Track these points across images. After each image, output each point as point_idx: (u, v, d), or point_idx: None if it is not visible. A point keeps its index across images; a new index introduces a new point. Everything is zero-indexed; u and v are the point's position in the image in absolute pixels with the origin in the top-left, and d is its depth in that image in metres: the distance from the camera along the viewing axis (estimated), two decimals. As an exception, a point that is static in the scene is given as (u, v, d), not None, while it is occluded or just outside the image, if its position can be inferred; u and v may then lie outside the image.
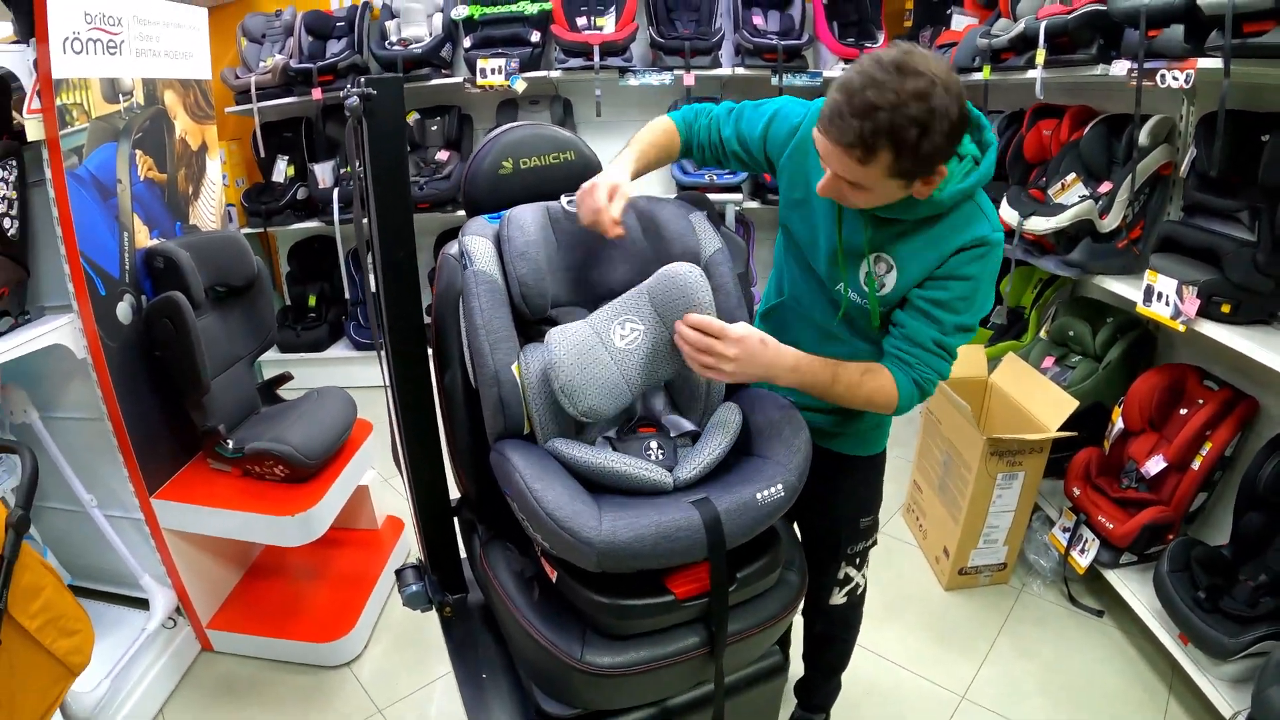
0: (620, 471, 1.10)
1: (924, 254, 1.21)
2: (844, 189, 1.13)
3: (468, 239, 1.26)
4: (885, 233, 1.23)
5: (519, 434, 1.19)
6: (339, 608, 2.23)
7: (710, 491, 1.09)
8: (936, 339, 1.23)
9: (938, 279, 1.21)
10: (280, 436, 2.00)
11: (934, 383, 1.26)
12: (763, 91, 3.83)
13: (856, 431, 1.49)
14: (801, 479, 1.14)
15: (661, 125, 1.39)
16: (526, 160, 1.37)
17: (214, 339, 2.04)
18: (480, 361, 1.17)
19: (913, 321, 1.25)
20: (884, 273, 1.26)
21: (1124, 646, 2.24)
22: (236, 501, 1.98)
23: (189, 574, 2.12)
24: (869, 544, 1.61)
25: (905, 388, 1.25)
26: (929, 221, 1.20)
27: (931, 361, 1.25)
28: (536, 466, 1.08)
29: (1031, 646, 2.24)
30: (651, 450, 1.20)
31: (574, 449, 1.13)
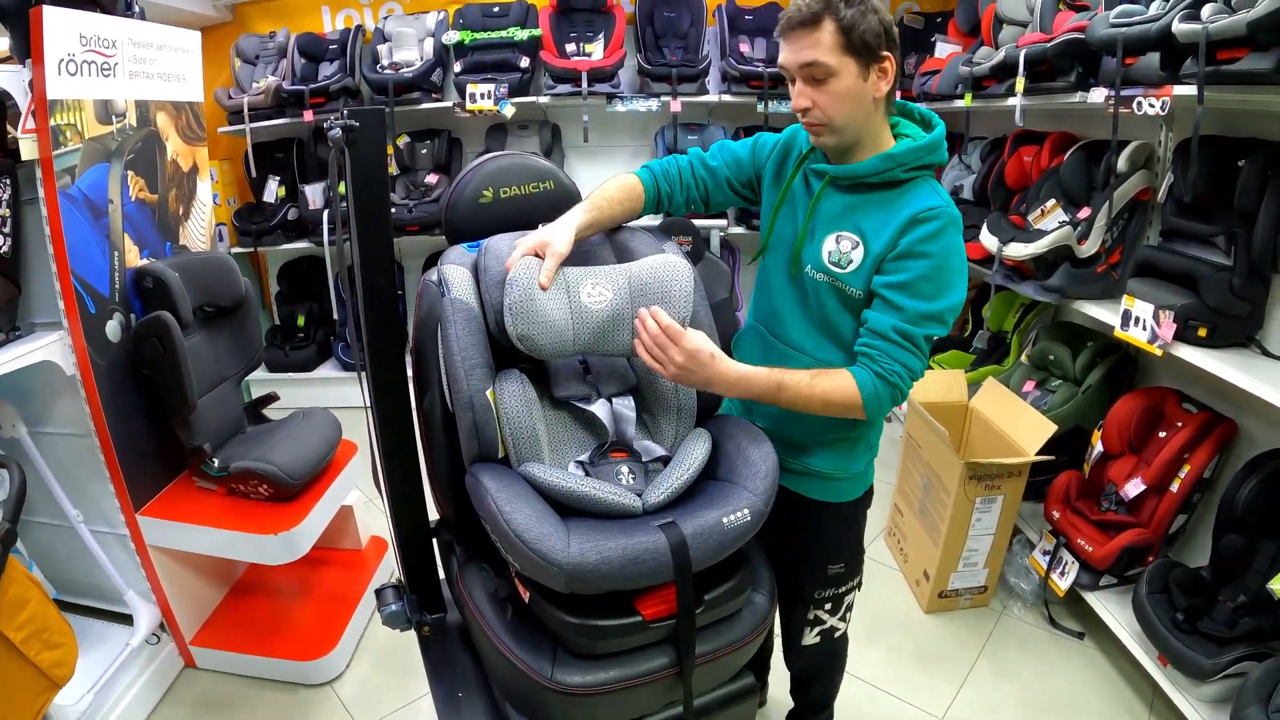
0: (590, 495, 1.12)
1: (885, 227, 1.24)
2: (812, 92, 1.20)
3: (446, 268, 1.29)
4: (846, 202, 1.29)
5: (494, 458, 1.21)
6: (322, 626, 2.24)
7: (678, 515, 1.11)
8: (898, 327, 1.22)
9: (896, 259, 1.22)
10: (265, 456, 2.01)
11: (901, 377, 1.24)
12: (749, 118, 3.92)
13: (821, 475, 1.46)
14: (768, 504, 1.16)
15: (620, 181, 1.43)
16: (507, 189, 1.41)
17: (201, 358, 2.06)
18: (456, 387, 1.19)
19: (874, 313, 1.25)
20: (849, 249, 1.28)
21: (1104, 668, 2.25)
22: (221, 519, 1.99)
23: (173, 590, 2.13)
24: (842, 590, 1.56)
25: (866, 383, 1.24)
26: (886, 188, 1.26)
27: (894, 353, 1.23)
28: (508, 490, 1.10)
29: (1011, 669, 2.25)
30: (623, 475, 1.22)
31: (546, 473, 1.15)
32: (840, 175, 1.28)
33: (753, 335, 1.50)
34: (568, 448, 1.30)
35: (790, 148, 1.41)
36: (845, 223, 1.29)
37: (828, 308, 1.33)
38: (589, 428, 1.33)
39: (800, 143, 1.39)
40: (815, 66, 1.18)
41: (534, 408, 1.23)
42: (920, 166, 1.26)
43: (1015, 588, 2.52)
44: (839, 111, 1.21)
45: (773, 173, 1.43)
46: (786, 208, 1.39)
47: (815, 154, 1.34)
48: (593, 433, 1.33)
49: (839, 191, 1.30)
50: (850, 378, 1.25)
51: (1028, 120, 2.60)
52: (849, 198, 1.29)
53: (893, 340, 1.23)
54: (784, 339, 1.41)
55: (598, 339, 1.23)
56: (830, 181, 1.30)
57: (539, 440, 1.22)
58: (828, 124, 1.23)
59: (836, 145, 1.27)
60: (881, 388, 1.24)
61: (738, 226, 3.89)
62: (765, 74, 3.59)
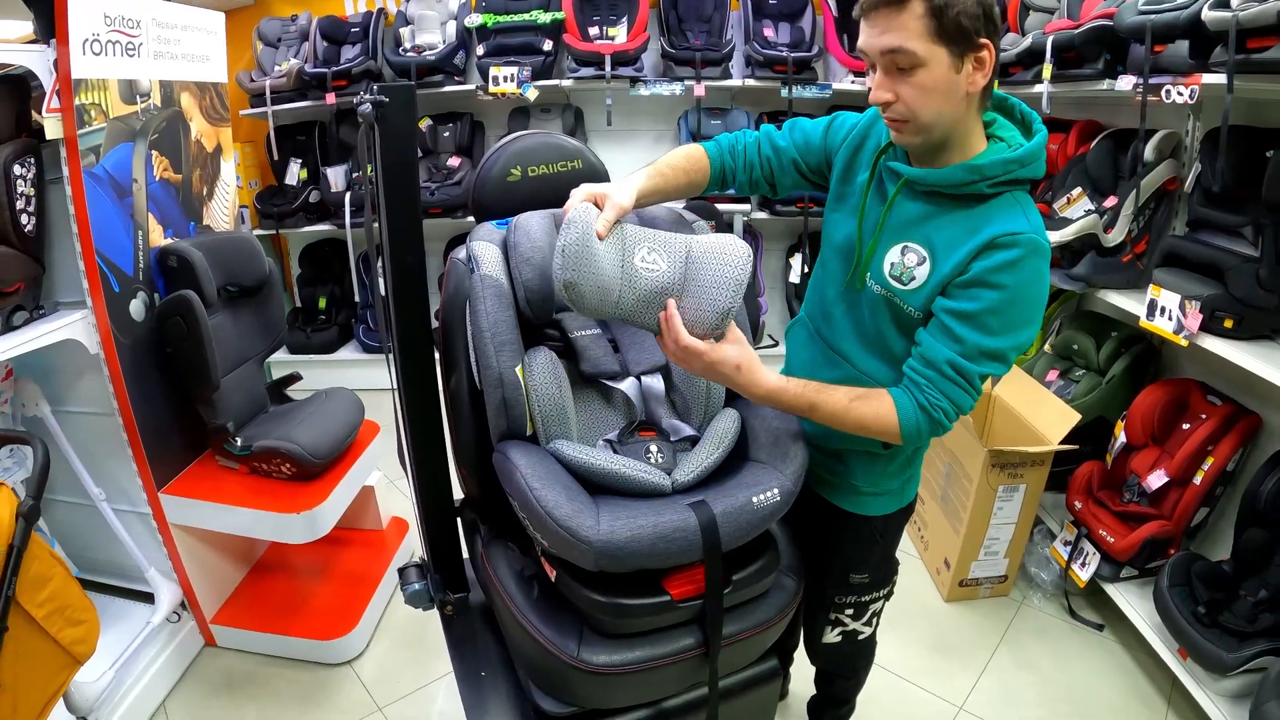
0: (619, 473, 1.12)
1: (958, 246, 1.09)
2: (894, 83, 1.04)
3: (475, 244, 1.28)
4: (919, 210, 1.15)
5: (521, 435, 1.21)
6: (342, 606, 2.25)
7: (707, 495, 1.11)
8: (953, 361, 1.09)
9: (965, 285, 1.08)
10: (288, 435, 2.03)
11: (947, 413, 1.12)
12: (773, 103, 3.89)
13: (853, 487, 1.37)
14: (797, 484, 1.16)
15: (686, 150, 1.34)
16: (535, 168, 1.41)
17: (225, 338, 2.07)
18: (485, 363, 1.19)
19: (930, 338, 1.12)
20: (914, 264, 1.14)
21: (1123, 660, 2.24)
22: (243, 498, 2.01)
23: (194, 569, 2.15)
24: (865, 599, 1.50)
25: (907, 412, 1.13)
26: (967, 203, 1.11)
27: (944, 387, 1.11)
28: (538, 467, 1.10)
29: (1031, 658, 2.24)
30: (651, 454, 1.21)
31: (575, 450, 1.15)
32: (916, 180, 1.13)
33: (802, 330, 1.42)
34: (596, 425, 1.30)
35: (869, 135, 1.26)
36: (914, 233, 1.15)
37: (881, 323, 1.22)
38: (617, 406, 1.33)
39: (881, 132, 1.23)
40: (899, 54, 1.01)
41: (563, 385, 1.23)
42: (1009, 181, 1.09)
43: (1035, 578, 2.50)
44: (925, 107, 1.05)
45: (845, 161, 1.28)
46: (852, 204, 1.25)
47: (896, 149, 1.18)
48: (621, 411, 1.33)
49: (913, 197, 1.16)
50: (891, 404, 1.14)
51: (1054, 108, 2.56)
52: (923, 205, 1.15)
53: (945, 374, 1.11)
54: (832, 343, 1.32)
55: (640, 308, 1.15)
56: (905, 185, 1.16)
57: (568, 417, 1.22)
58: (912, 121, 1.07)
59: (920, 144, 1.11)
60: (923, 420, 1.13)
61: (761, 212, 3.87)
62: (789, 59, 3.56)
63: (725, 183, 1.38)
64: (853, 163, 1.28)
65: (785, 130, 1.37)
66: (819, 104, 3.87)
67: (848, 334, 1.28)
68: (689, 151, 1.34)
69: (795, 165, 1.34)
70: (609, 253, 1.13)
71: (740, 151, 1.36)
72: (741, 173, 1.37)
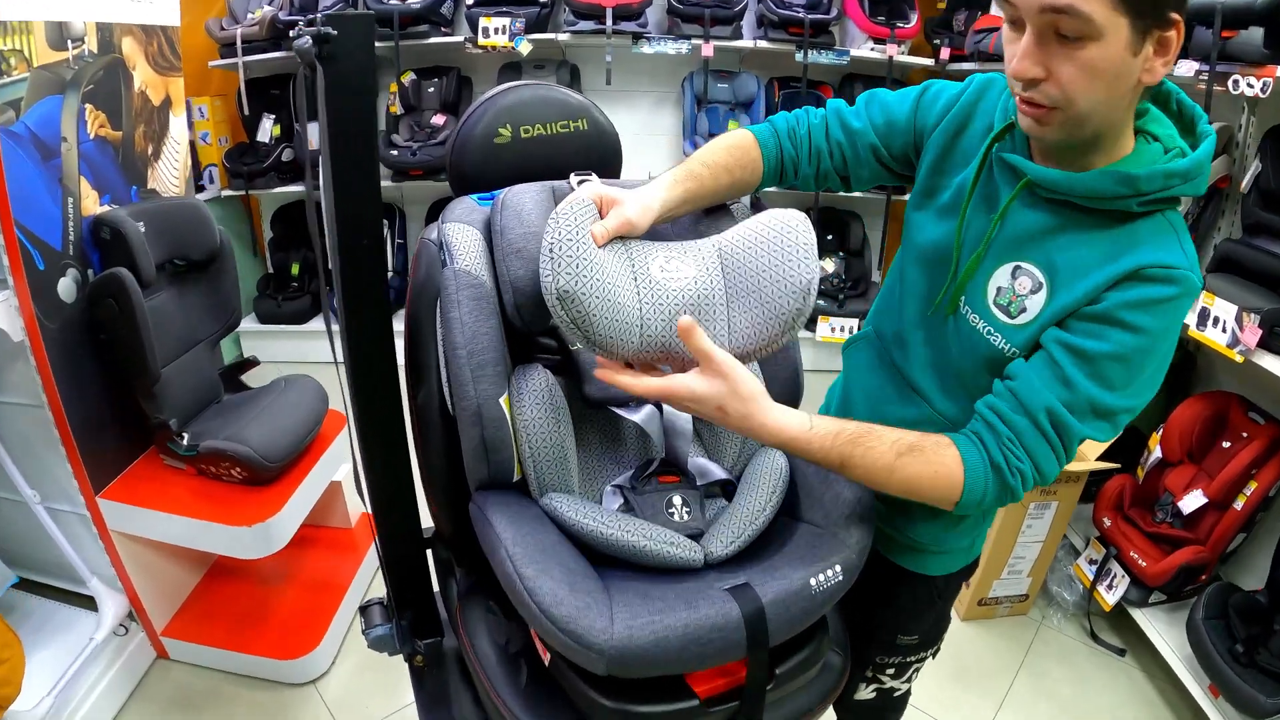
0: (638, 548, 0.89)
1: (1091, 270, 0.83)
2: (1049, 56, 0.76)
3: (450, 227, 1.01)
4: (1041, 221, 0.88)
5: (507, 482, 0.98)
6: (305, 618, 2.05)
7: (751, 573, 0.89)
8: (1054, 411, 0.83)
9: (1092, 319, 0.83)
10: (238, 434, 1.79)
11: (1025, 478, 0.87)
12: (786, 68, 3.62)
13: (911, 544, 1.14)
14: (863, 556, 0.94)
15: (730, 141, 1.06)
16: (529, 128, 1.11)
17: (168, 320, 1.83)
18: (460, 392, 0.94)
19: (1030, 371, 0.86)
20: (1027, 291, 0.88)
21: (1145, 689, 2.11)
22: (189, 506, 1.78)
23: (141, 577, 1.93)
24: (910, 659, 1.29)
25: (976, 471, 0.86)
26: (1107, 220, 0.84)
27: (1033, 444, 0.85)
28: (529, 542, 0.87)
29: (1050, 686, 2.10)
30: (675, 509, 0.99)
31: (577, 512, 0.92)
32: (1044, 184, 0.85)
33: (869, 350, 1.15)
34: (603, 466, 1.08)
35: (974, 114, 0.97)
36: (1032, 251, 0.88)
37: (973, 362, 0.96)
38: (630, 440, 1.10)
39: (994, 110, 0.94)
40: (1069, 16, 0.72)
41: (561, 418, 0.98)
42: (1165, 199, 0.83)
43: (1056, 597, 2.35)
44: (1086, 94, 0.76)
45: (942, 146, 0.99)
46: (947, 204, 0.97)
47: (1015, 136, 0.90)
48: (635, 447, 1.10)
49: (1033, 204, 0.88)
50: (955, 459, 0.87)
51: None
52: (1047, 216, 0.87)
53: (1039, 426, 0.84)
54: (907, 374, 1.06)
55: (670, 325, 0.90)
56: (1026, 187, 0.88)
57: (567, 462, 0.98)
58: (1062, 110, 0.78)
59: (1065, 140, 0.83)
60: (992, 483, 0.87)
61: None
62: (806, 20, 3.29)
63: (784, 177, 1.10)
64: (951, 150, 0.99)
65: (860, 106, 1.06)
66: (834, 71, 3.62)
67: (927, 367, 1.03)
68: (733, 142, 1.06)
69: (874, 152, 1.04)
70: (614, 261, 0.89)
71: (804, 136, 1.07)
72: (806, 163, 1.08)
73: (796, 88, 3.57)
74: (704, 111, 3.64)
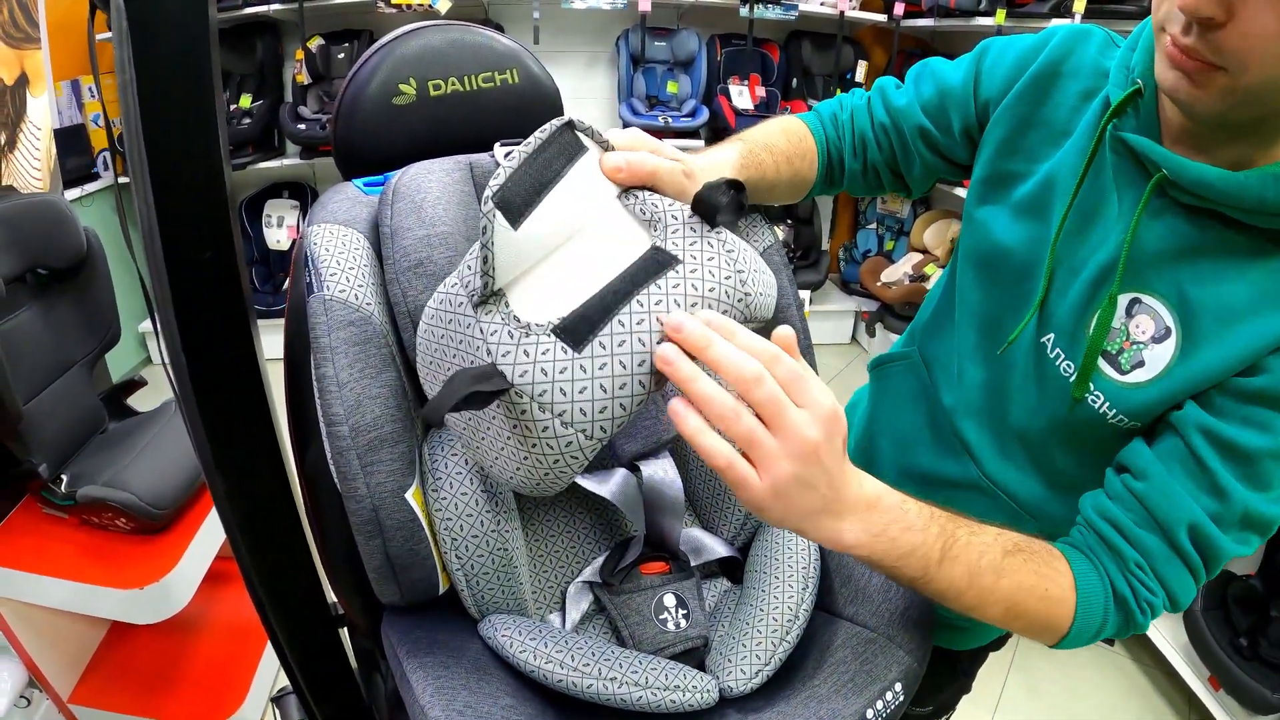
0: (633, 700, 0.64)
1: (1247, 315, 0.60)
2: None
3: (318, 232, 0.71)
4: (1177, 236, 0.63)
5: (431, 596, 0.72)
6: (226, 672, 1.79)
7: (783, 709, 0.66)
8: (1197, 525, 0.61)
9: (1253, 398, 0.60)
10: (120, 478, 1.50)
11: (1153, 610, 0.64)
12: (730, 23, 3.38)
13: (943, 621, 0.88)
14: (924, 665, 0.72)
15: (785, 124, 0.83)
16: (439, 83, 0.81)
17: (32, 344, 1.52)
18: (347, 487, 0.66)
19: (1165, 475, 0.63)
20: (1149, 335, 0.65)
21: (1138, 680, 2.05)
22: (74, 567, 1.49)
23: (35, 642, 1.62)
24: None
25: (1093, 599, 0.63)
26: (1270, 248, 0.61)
27: (1167, 569, 0.63)
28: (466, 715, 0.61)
29: (1042, 685, 2.01)
30: (668, 611, 0.75)
31: (534, 653, 0.66)
32: (1191, 186, 0.61)
33: (907, 375, 0.90)
34: (564, 555, 0.83)
35: (1060, 72, 0.71)
36: (1157, 279, 0.64)
37: (1045, 420, 0.72)
38: (598, 513, 0.86)
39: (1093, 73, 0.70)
40: None
41: (502, 507, 0.70)
42: None
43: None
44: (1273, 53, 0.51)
45: (1017, 117, 0.74)
46: (1034, 200, 0.72)
47: (1136, 114, 0.65)
48: (605, 523, 0.86)
49: (1161, 212, 0.64)
50: (1068, 582, 0.63)
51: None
52: (1184, 231, 0.63)
53: (1177, 545, 0.62)
54: (952, 418, 0.82)
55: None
56: (1160, 186, 0.63)
57: (513, 569, 0.71)
58: (1234, 71, 0.53)
59: (1215, 117, 0.57)
60: (1113, 619, 0.64)
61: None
62: (750, -28, 3.05)
63: (833, 177, 0.86)
64: (1030, 124, 0.73)
65: (909, 79, 0.83)
66: (781, 27, 3.40)
67: (982, 416, 0.79)
68: (787, 126, 0.83)
69: (925, 136, 0.81)
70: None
71: (846, 122, 0.85)
72: (851, 156, 0.85)
73: (740, 45, 3.35)
74: (640, 72, 3.38)
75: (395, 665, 0.69)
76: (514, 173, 0.54)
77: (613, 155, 0.60)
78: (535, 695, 0.67)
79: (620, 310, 0.52)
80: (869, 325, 3.50)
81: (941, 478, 0.82)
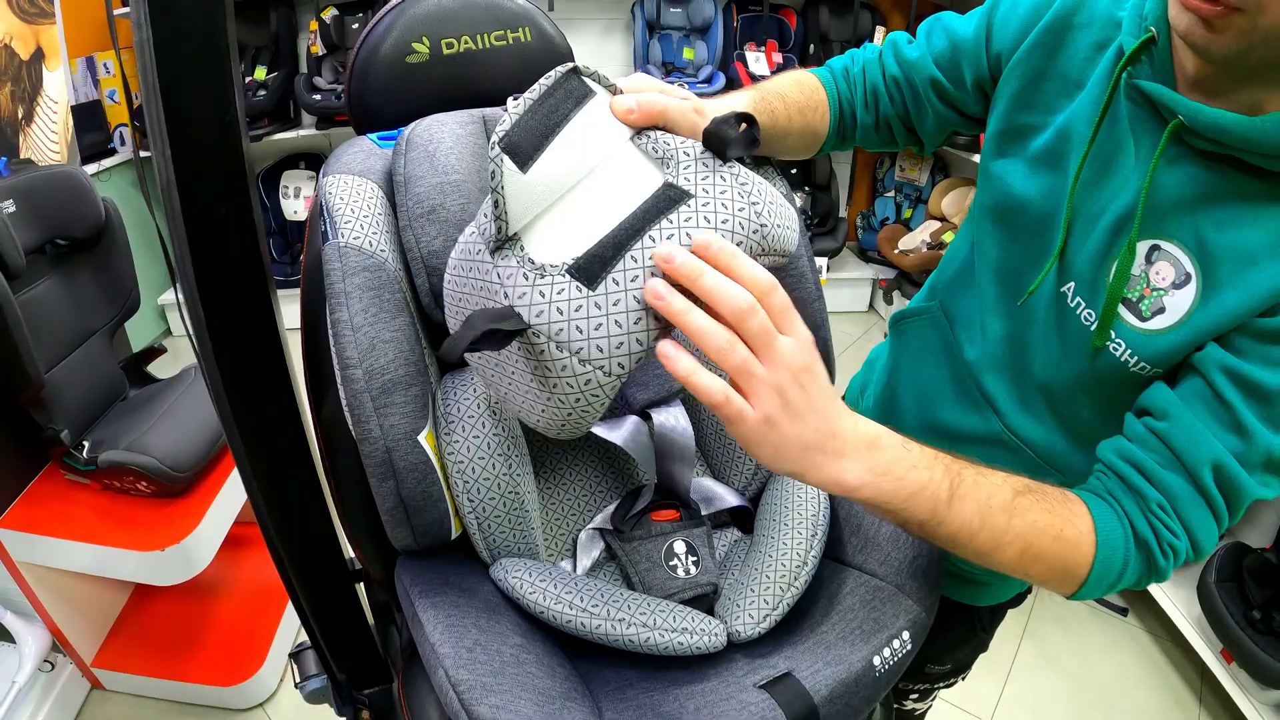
0: (641, 641, 0.66)
1: (1266, 263, 0.61)
2: None
3: (332, 181, 0.73)
4: (1194, 183, 0.63)
5: (443, 541, 0.74)
6: (246, 635, 1.83)
7: (791, 654, 0.67)
8: (1221, 464, 0.61)
9: (1273, 336, 0.60)
10: (140, 442, 1.53)
11: (1177, 554, 0.63)
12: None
13: (959, 573, 0.94)
14: (933, 614, 0.73)
15: (797, 77, 0.84)
16: (452, 41, 0.83)
17: (53, 313, 1.55)
18: (361, 429, 0.67)
19: (1188, 415, 0.62)
20: (1169, 282, 0.65)
21: (1150, 651, 2.04)
22: (97, 530, 1.53)
23: (59, 607, 1.68)
24: (938, 685, 1.13)
25: (1114, 543, 0.62)
26: None
27: (1191, 511, 0.62)
28: (479, 662, 0.62)
29: (1055, 654, 2.01)
30: (678, 558, 0.76)
31: (544, 593, 0.68)
32: (1208, 131, 0.60)
33: (929, 329, 0.89)
34: (575, 502, 0.85)
35: (1073, 22, 0.71)
36: (1177, 225, 0.64)
37: (1069, 370, 0.73)
38: (611, 462, 0.88)
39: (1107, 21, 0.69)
40: None
41: (513, 451, 0.72)
42: None
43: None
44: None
45: (1032, 68, 0.74)
46: (1050, 150, 0.72)
47: (1151, 62, 0.65)
48: (617, 472, 0.87)
49: (1179, 159, 0.64)
50: (1086, 525, 0.62)
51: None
52: (1202, 177, 0.63)
53: (1201, 485, 0.62)
54: (974, 371, 0.82)
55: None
56: (1175, 133, 0.63)
57: (525, 514, 0.73)
58: (1251, 11, 0.53)
59: (1232, 58, 0.57)
60: (1134, 564, 0.63)
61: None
62: (767, -65, 2.99)
63: (845, 131, 0.87)
64: (1045, 75, 0.73)
65: (921, 33, 0.84)
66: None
67: (1004, 369, 0.80)
68: (799, 78, 0.84)
69: (937, 88, 0.82)
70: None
71: (858, 75, 0.86)
72: (864, 109, 0.86)
73: (757, 11, 3.29)
74: (656, 38, 3.34)
75: (407, 606, 0.70)
76: (520, 118, 0.55)
77: (622, 97, 0.59)
78: (545, 637, 0.69)
79: (633, 246, 0.52)
80: (886, 293, 3.47)
81: (964, 433, 0.82)
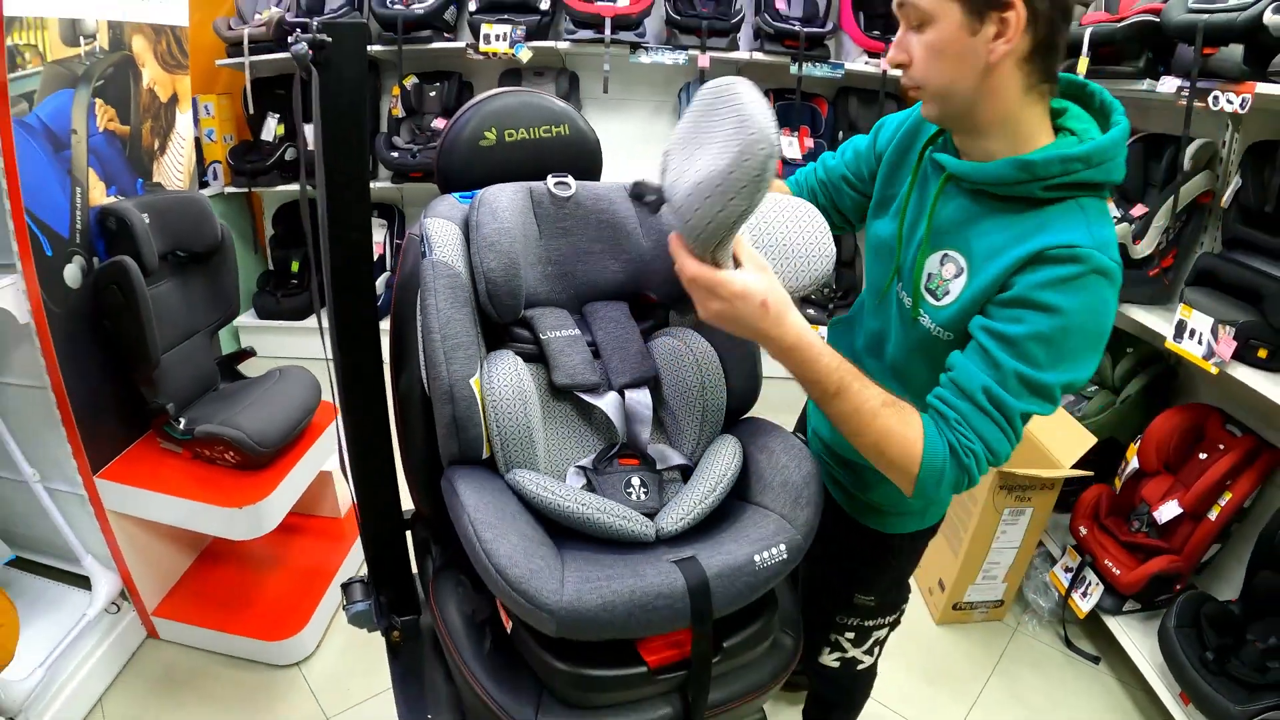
0: (592, 520, 0.95)
1: (999, 255, 0.91)
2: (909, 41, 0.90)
3: (430, 221, 1.10)
4: (964, 210, 0.97)
5: (477, 458, 1.04)
6: (292, 602, 2.10)
7: (699, 548, 0.94)
8: (988, 388, 0.89)
9: (1007, 304, 0.90)
10: (233, 419, 1.85)
11: (978, 457, 0.91)
12: (781, 79, 3.68)
13: (869, 504, 1.25)
14: (809, 538, 0.99)
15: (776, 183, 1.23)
16: (513, 131, 1.20)
17: (170, 309, 1.89)
18: (434, 372, 1.01)
19: (964, 361, 0.93)
20: (951, 275, 0.98)
21: (1119, 697, 2.13)
22: (184, 488, 1.84)
23: (135, 557, 1.98)
24: (869, 624, 1.38)
25: (935, 446, 0.91)
26: (1017, 206, 0.92)
27: (979, 423, 0.90)
28: (490, 509, 0.92)
29: (1023, 692, 2.12)
30: (633, 488, 1.05)
31: (539, 487, 0.98)
32: (961, 175, 0.96)
33: (845, 326, 1.28)
34: (568, 448, 1.14)
35: (920, 129, 1.09)
36: (955, 239, 0.98)
37: (904, 341, 1.07)
38: (595, 425, 1.16)
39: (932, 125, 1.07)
40: (907, 6, 0.89)
41: (529, 400, 1.05)
42: (1073, 184, 0.89)
43: (1032, 603, 2.38)
44: (932, 73, 0.90)
45: (893, 161, 1.12)
46: (898, 206, 1.09)
47: (947, 139, 1.03)
48: (599, 431, 1.15)
49: (958, 195, 0.99)
50: (919, 433, 0.92)
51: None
52: (968, 206, 0.98)
53: (980, 405, 0.90)
54: (857, 352, 1.19)
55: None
56: (949, 179, 0.99)
57: (533, 440, 1.04)
58: (923, 86, 0.92)
59: (941, 117, 0.96)
60: (949, 465, 0.91)
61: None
62: (801, 33, 3.35)
63: None
64: (900, 164, 1.11)
65: (839, 150, 1.26)
66: (829, 83, 3.67)
67: (871, 348, 1.16)
68: (776, 184, 1.22)
69: (847, 182, 1.22)
70: None
71: (804, 181, 1.28)
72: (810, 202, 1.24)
73: (791, 99, 3.62)
74: (702, 121, 3.68)
75: (448, 487, 1.00)
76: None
77: None
78: (538, 520, 0.98)
79: None
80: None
81: None
